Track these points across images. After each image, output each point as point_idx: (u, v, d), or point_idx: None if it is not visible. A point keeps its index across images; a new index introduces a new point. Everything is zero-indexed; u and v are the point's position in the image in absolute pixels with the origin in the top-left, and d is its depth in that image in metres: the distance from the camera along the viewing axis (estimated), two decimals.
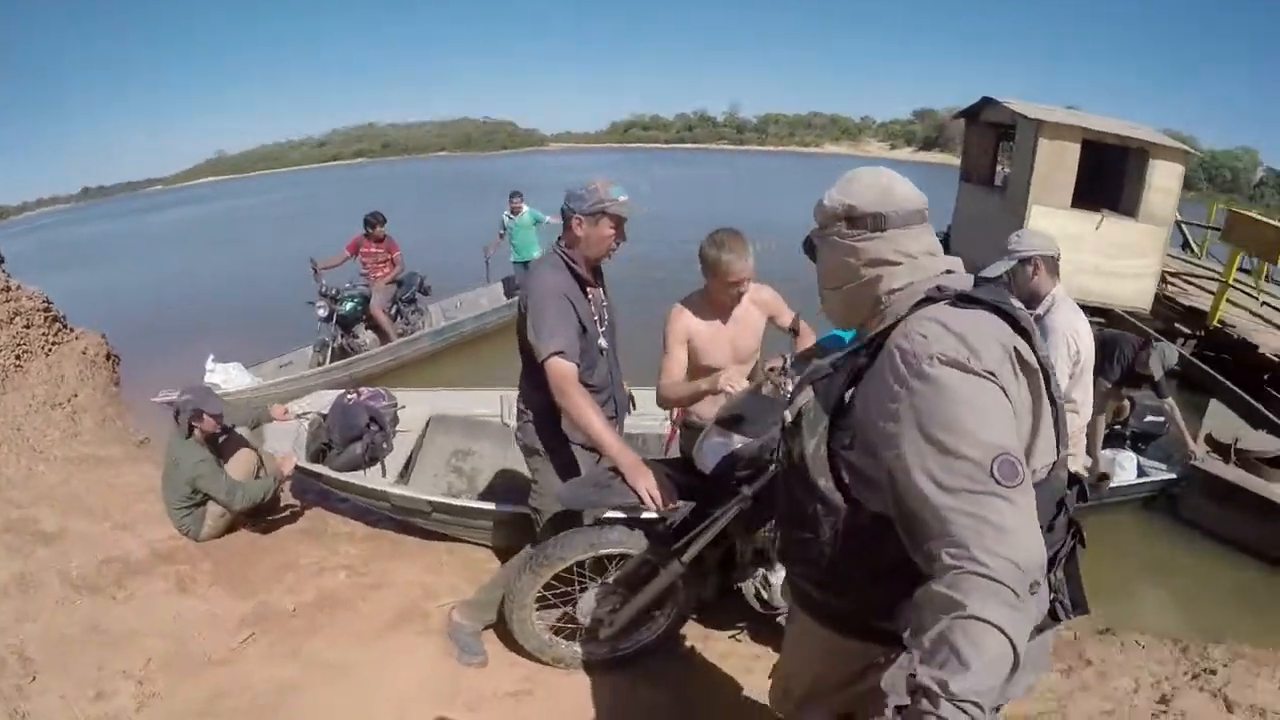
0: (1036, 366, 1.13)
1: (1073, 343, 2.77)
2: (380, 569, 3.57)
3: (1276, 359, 6.73)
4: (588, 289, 2.60)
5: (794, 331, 3.00)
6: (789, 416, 1.35)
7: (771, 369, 2.76)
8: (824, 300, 1.40)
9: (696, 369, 2.82)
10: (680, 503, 2.29)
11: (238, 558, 3.61)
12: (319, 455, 4.13)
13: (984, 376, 1.04)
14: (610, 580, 2.52)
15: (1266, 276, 9.69)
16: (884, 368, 1.13)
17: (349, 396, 4.37)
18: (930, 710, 0.87)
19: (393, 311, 7.85)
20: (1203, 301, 8.65)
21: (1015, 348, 1.11)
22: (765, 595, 2.66)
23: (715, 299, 2.80)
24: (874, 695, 1.11)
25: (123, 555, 3.53)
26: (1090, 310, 8.02)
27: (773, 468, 2.10)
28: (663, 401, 2.88)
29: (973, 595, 0.90)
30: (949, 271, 1.28)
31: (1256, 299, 8.92)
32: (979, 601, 0.90)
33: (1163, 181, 8.75)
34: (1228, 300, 8.11)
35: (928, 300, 1.18)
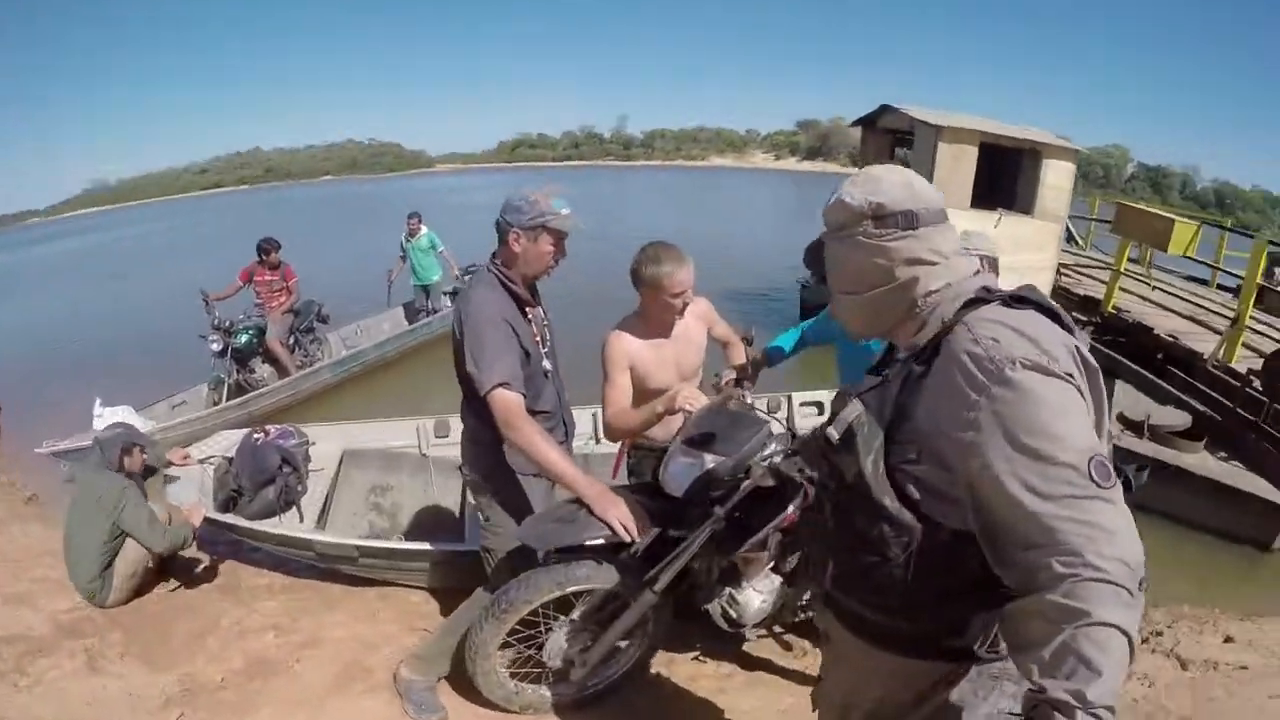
0: (1095, 365, 1.10)
1: None
2: (310, 624, 3.26)
3: (1171, 339, 7.15)
4: (527, 309, 2.43)
5: (724, 343, 2.96)
6: (835, 434, 1.23)
7: (729, 381, 2.69)
8: (839, 307, 1.32)
9: (643, 393, 2.68)
10: (653, 530, 2.18)
11: (151, 624, 3.23)
12: (229, 503, 3.77)
13: (1065, 379, 1.02)
14: (578, 617, 2.36)
15: (1150, 263, 10.42)
16: (951, 376, 1.08)
17: (256, 436, 4.02)
18: (1082, 708, 0.86)
19: (291, 343, 7.47)
20: (1096, 290, 9.23)
21: (1076, 347, 1.08)
22: (734, 614, 2.53)
23: (655, 317, 2.67)
24: (949, 711, 1.17)
25: (21, 633, 3.09)
26: None
27: (745, 484, 2.06)
28: (613, 433, 2.73)
29: (1094, 601, 0.89)
30: (977, 271, 1.24)
31: (1148, 284, 9.54)
32: (1102, 607, 0.89)
33: (1055, 180, 9.30)
34: (1119, 288, 8.64)
35: (976, 302, 1.13)
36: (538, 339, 2.45)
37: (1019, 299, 1.12)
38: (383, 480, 4.45)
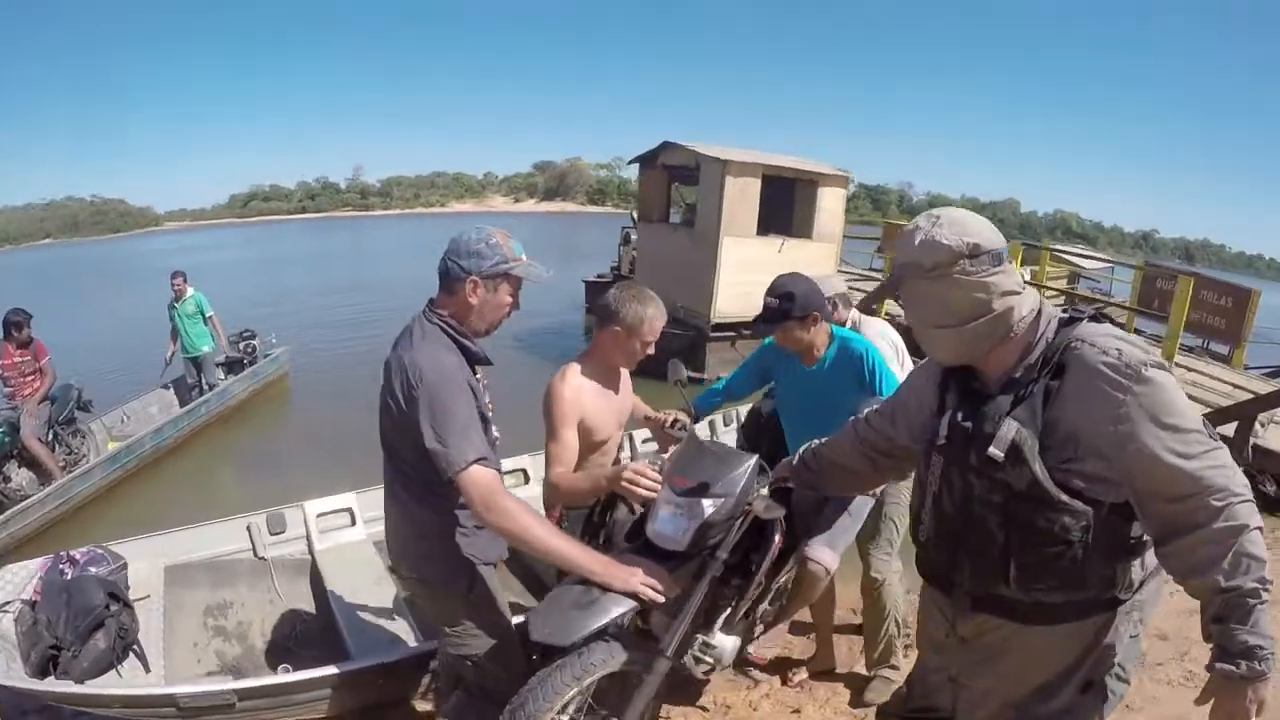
0: None
1: (891, 342, 3.05)
2: None
3: None
4: (477, 369, 2.12)
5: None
6: (1000, 453, 1.34)
7: (675, 421, 2.66)
8: (934, 339, 1.45)
9: (586, 446, 2.46)
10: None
11: None
12: (47, 664, 2.84)
13: (1168, 370, 1.30)
14: (597, 709, 2.08)
15: None
16: (1093, 383, 1.29)
17: (62, 567, 3.11)
18: (1259, 590, 1.22)
19: (49, 438, 6.12)
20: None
21: None
22: (710, 659, 2.39)
23: (610, 363, 2.50)
24: (1105, 651, 1.44)
25: None
26: None
27: (738, 524, 2.03)
28: (556, 497, 2.48)
29: (1246, 516, 1.23)
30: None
31: None
32: (1251, 518, 1.23)
33: (830, 204, 10.56)
34: (888, 299, 9.77)
35: (1071, 321, 1.39)
36: (489, 402, 2.15)
37: (1095, 316, 1.40)
38: (218, 597, 3.69)
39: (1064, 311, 1.42)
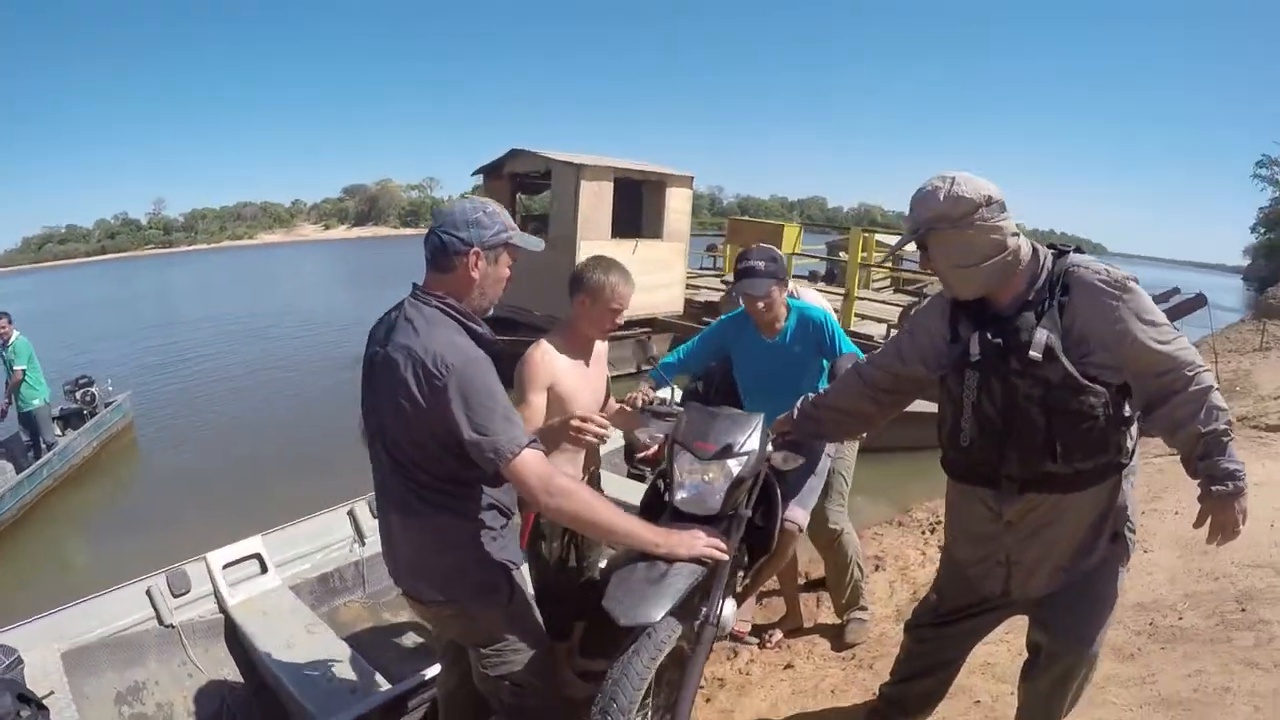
0: None
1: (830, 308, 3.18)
2: None
3: None
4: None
5: None
6: (1039, 354, 1.62)
7: (650, 395, 2.71)
8: (963, 278, 1.70)
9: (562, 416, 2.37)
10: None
11: None
12: None
13: (1139, 282, 1.67)
14: (654, 686, 2.08)
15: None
16: (1094, 296, 1.62)
17: None
18: (1228, 430, 1.59)
19: None
20: (714, 296, 11.14)
21: None
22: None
23: (583, 333, 2.47)
24: (1120, 508, 1.79)
25: None
26: (637, 322, 9.75)
27: (760, 480, 2.13)
28: None
29: (1209, 380, 1.60)
30: None
31: None
32: (1211, 379, 1.61)
33: (677, 205, 10.99)
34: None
35: (1061, 254, 1.72)
36: None
37: (1076, 249, 1.76)
38: (128, 680, 3.18)
39: (1050, 247, 1.75)
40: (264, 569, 3.66)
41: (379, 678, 3.02)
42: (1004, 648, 2.62)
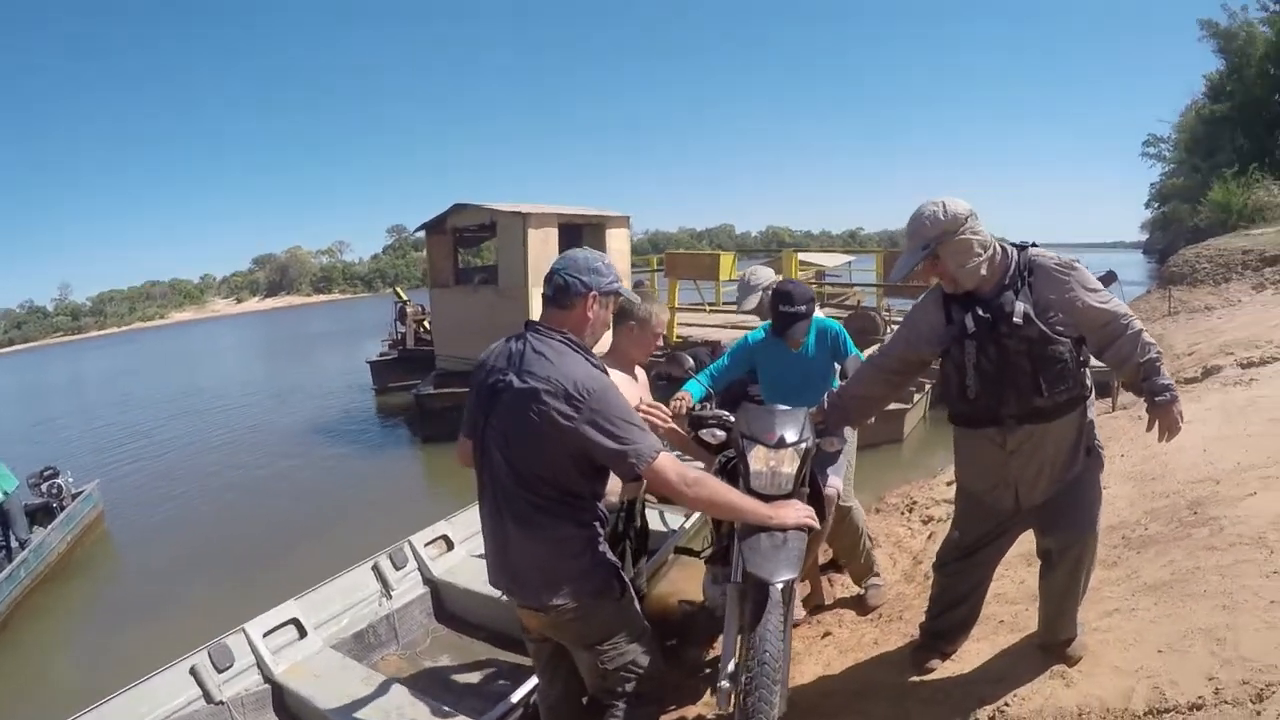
0: None
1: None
2: None
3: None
4: None
5: None
6: (1020, 320, 2.15)
7: (694, 404, 3.12)
8: (966, 275, 2.21)
9: None
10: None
11: None
12: None
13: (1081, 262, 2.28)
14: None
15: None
16: (1052, 276, 2.18)
17: None
18: (1158, 358, 2.16)
19: None
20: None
21: None
22: None
23: (631, 357, 2.93)
24: (1089, 427, 2.29)
25: None
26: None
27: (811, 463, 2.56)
28: None
29: (1139, 325, 2.17)
30: None
31: (705, 310, 12.73)
32: (1141, 325, 2.18)
33: (618, 245, 11.57)
34: (680, 322, 11.17)
35: (1022, 248, 2.26)
36: None
37: (1032, 245, 2.30)
38: None
39: (1015, 244, 2.29)
40: (302, 633, 3.73)
41: (457, 715, 3.13)
42: (1009, 582, 3.07)
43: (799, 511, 2.23)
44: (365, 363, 15.50)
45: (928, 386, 9.06)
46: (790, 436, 2.45)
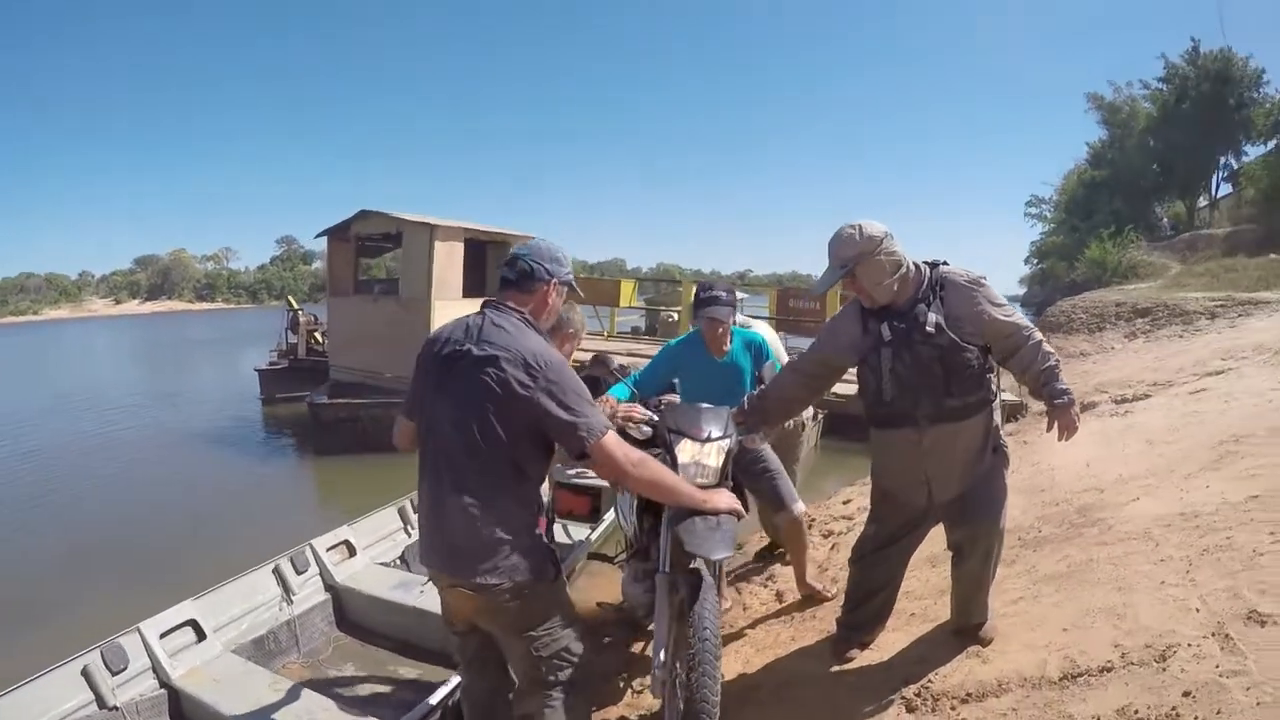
0: None
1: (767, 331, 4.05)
2: None
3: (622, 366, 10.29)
4: None
5: None
6: (933, 329, 2.37)
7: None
8: (881, 292, 2.42)
9: None
10: None
11: None
12: None
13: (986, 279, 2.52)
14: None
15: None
16: (961, 290, 2.41)
17: None
18: (1057, 365, 2.44)
19: None
20: None
21: None
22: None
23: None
24: (994, 429, 2.52)
25: None
26: None
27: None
28: None
29: (1039, 335, 2.45)
30: None
31: (603, 337, 13.08)
32: (1041, 337, 2.46)
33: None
34: (580, 348, 11.65)
35: (930, 266, 2.47)
36: None
37: (944, 263, 2.52)
38: None
39: (928, 262, 2.50)
40: (201, 636, 3.54)
41: (373, 711, 3.09)
42: (916, 581, 3.27)
43: (729, 499, 2.36)
44: (254, 371, 14.97)
45: (820, 416, 9.36)
46: (715, 432, 2.62)
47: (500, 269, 2.32)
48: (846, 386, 9.74)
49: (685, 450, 2.60)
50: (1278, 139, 22.68)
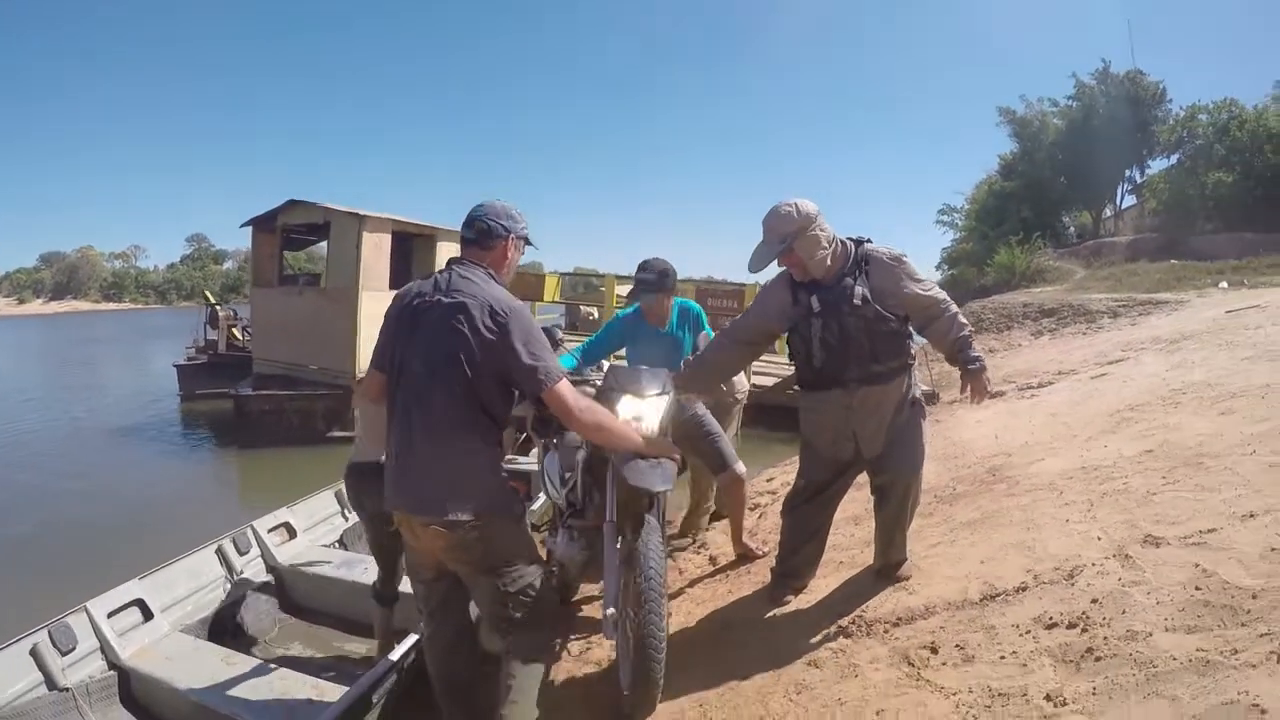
0: None
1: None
2: None
3: None
4: None
5: None
6: (858, 300, 2.62)
7: None
8: (814, 264, 2.66)
9: None
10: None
11: None
12: None
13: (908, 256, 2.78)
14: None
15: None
16: (884, 265, 2.66)
17: None
18: (971, 335, 2.75)
19: None
20: None
21: None
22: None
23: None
24: (911, 386, 2.77)
25: None
26: None
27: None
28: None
29: (955, 307, 2.78)
30: None
31: None
32: (956, 309, 2.78)
33: (447, 257, 11.36)
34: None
35: (856, 243, 2.71)
36: None
37: (869, 240, 2.76)
38: None
39: (851, 238, 2.75)
40: (148, 615, 3.54)
41: (328, 685, 3.11)
42: (841, 536, 3.55)
43: (667, 444, 2.62)
44: (172, 366, 14.52)
45: (743, 402, 9.65)
46: (653, 390, 2.84)
47: (461, 229, 2.45)
48: (764, 379, 10.15)
49: (626, 405, 2.79)
50: (1179, 155, 24.23)
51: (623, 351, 3.95)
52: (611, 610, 2.45)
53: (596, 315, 14.02)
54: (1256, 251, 16.59)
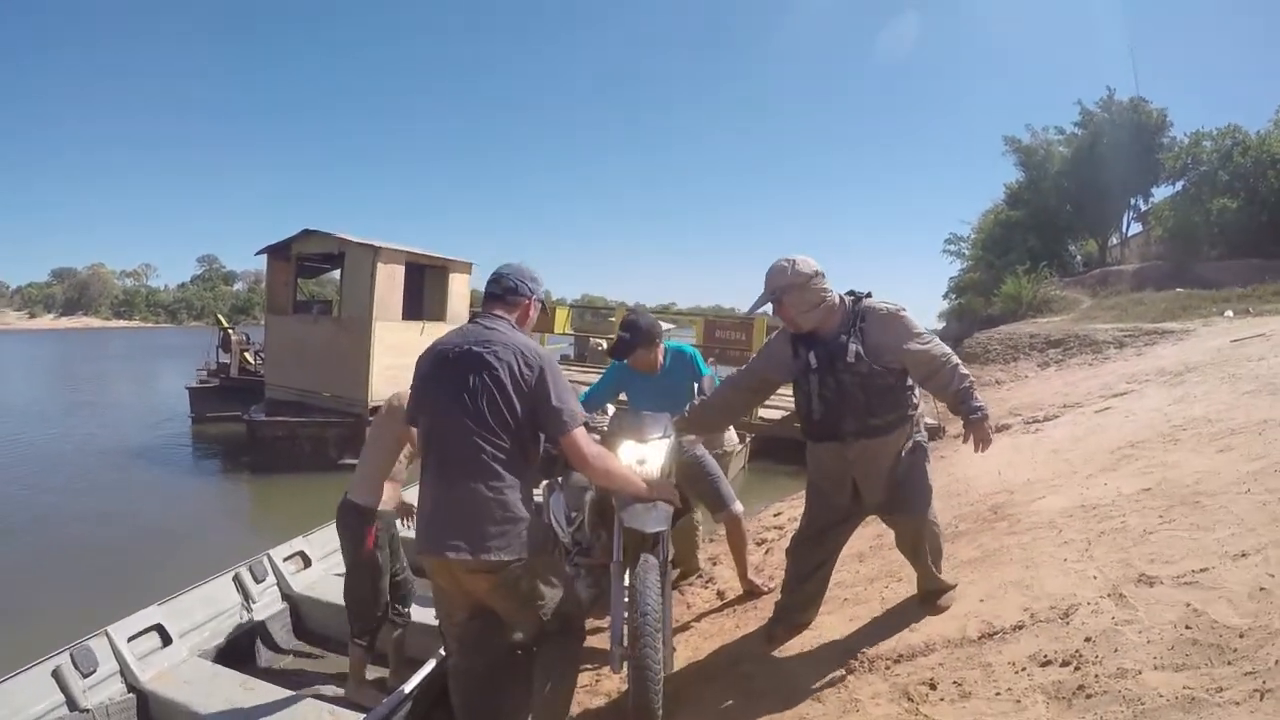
0: None
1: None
2: None
3: None
4: None
5: None
6: (853, 359, 2.69)
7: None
8: (806, 320, 2.76)
9: None
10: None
11: None
12: None
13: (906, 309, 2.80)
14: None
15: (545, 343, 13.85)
16: (882, 321, 2.71)
17: None
18: (973, 385, 2.73)
19: None
20: None
21: None
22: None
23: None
24: (913, 434, 2.83)
25: None
26: None
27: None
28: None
29: (956, 360, 2.75)
30: None
31: None
32: (958, 360, 2.76)
33: (459, 289, 11.95)
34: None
35: (854, 299, 2.79)
36: None
37: (867, 295, 2.83)
38: None
39: (851, 293, 2.84)
40: (167, 640, 3.63)
41: (344, 712, 3.18)
42: (847, 573, 3.64)
43: (668, 488, 2.76)
44: (185, 389, 14.69)
45: (749, 439, 9.88)
46: (655, 434, 2.98)
47: (487, 285, 2.64)
48: (771, 411, 10.24)
49: (631, 450, 2.93)
50: (1184, 181, 24.38)
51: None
52: (616, 647, 2.60)
53: (605, 346, 14.23)
54: (1262, 277, 16.75)
